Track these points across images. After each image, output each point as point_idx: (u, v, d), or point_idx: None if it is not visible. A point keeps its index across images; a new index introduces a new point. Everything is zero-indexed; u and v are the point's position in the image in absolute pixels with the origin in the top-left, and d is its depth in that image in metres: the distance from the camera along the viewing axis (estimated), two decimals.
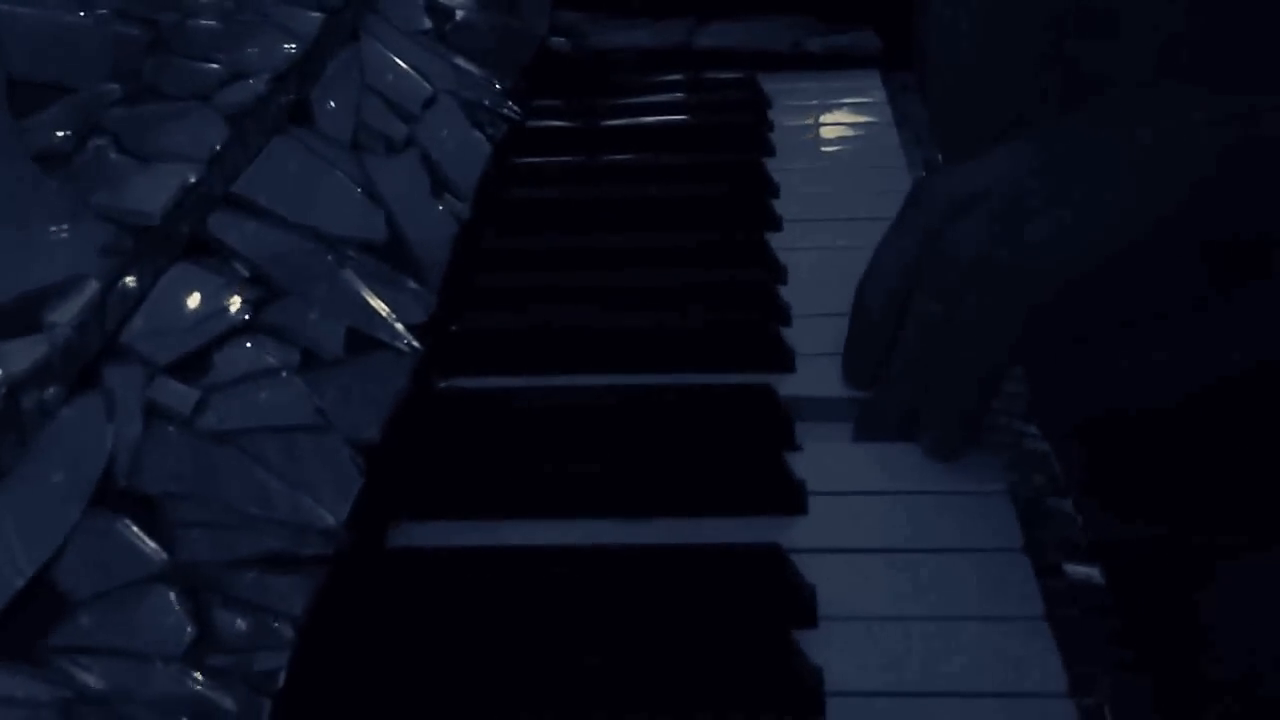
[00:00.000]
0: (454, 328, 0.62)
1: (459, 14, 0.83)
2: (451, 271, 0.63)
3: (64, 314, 0.43)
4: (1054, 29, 0.56)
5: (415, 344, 0.57)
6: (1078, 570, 0.54)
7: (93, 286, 0.45)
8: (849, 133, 0.86)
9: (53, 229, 0.47)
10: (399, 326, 0.57)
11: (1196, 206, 0.51)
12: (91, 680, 0.38)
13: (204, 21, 0.63)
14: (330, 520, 0.47)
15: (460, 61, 0.79)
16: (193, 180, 0.52)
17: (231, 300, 0.52)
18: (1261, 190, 0.51)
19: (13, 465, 0.41)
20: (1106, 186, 0.52)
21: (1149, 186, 0.51)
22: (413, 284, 0.61)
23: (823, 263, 0.69)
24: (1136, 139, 0.52)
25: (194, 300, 0.50)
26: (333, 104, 0.66)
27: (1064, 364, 0.55)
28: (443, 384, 0.60)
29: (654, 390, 0.60)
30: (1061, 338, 0.53)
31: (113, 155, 0.52)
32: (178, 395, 0.47)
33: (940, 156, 0.79)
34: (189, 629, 0.41)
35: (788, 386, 0.60)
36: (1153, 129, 0.52)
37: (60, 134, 0.51)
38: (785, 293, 0.67)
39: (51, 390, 0.42)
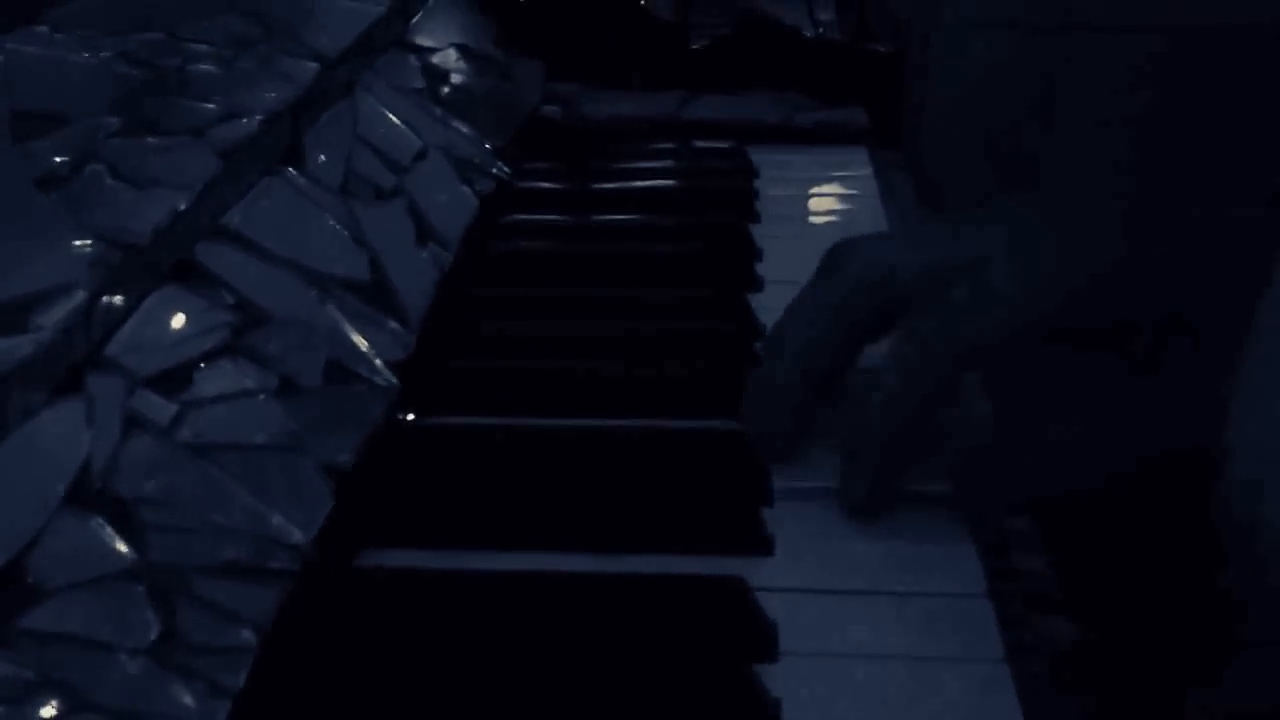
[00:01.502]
0: (433, 367, 0.64)
1: (454, 77, 0.86)
2: (432, 314, 0.65)
3: (50, 317, 0.45)
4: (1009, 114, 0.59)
5: (392, 380, 0.59)
6: (1045, 622, 0.54)
7: (80, 295, 0.46)
8: (835, 204, 0.88)
9: (45, 243, 0.48)
10: (377, 362, 0.59)
11: (1098, 292, 0.55)
12: (57, 664, 0.39)
13: (204, 66, 0.65)
14: (298, 537, 0.48)
15: (452, 121, 0.81)
16: (182, 207, 0.54)
17: (214, 323, 0.53)
18: (1156, 280, 0.55)
19: None
20: (1024, 266, 0.55)
21: (1057, 273, 0.55)
22: (393, 324, 0.62)
23: None
24: (1054, 230, 0.56)
25: (178, 320, 0.52)
26: (324, 150, 0.68)
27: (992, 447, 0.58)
28: (419, 420, 0.61)
29: (627, 431, 0.61)
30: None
31: (108, 181, 0.54)
32: (156, 407, 0.48)
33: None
34: (155, 625, 0.42)
35: None
36: (1066, 225, 0.55)
37: (58, 159, 0.53)
38: (762, 349, 0.68)
39: (35, 389, 0.44)
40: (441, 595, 0.51)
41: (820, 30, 1.01)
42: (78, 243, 0.49)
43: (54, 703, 0.38)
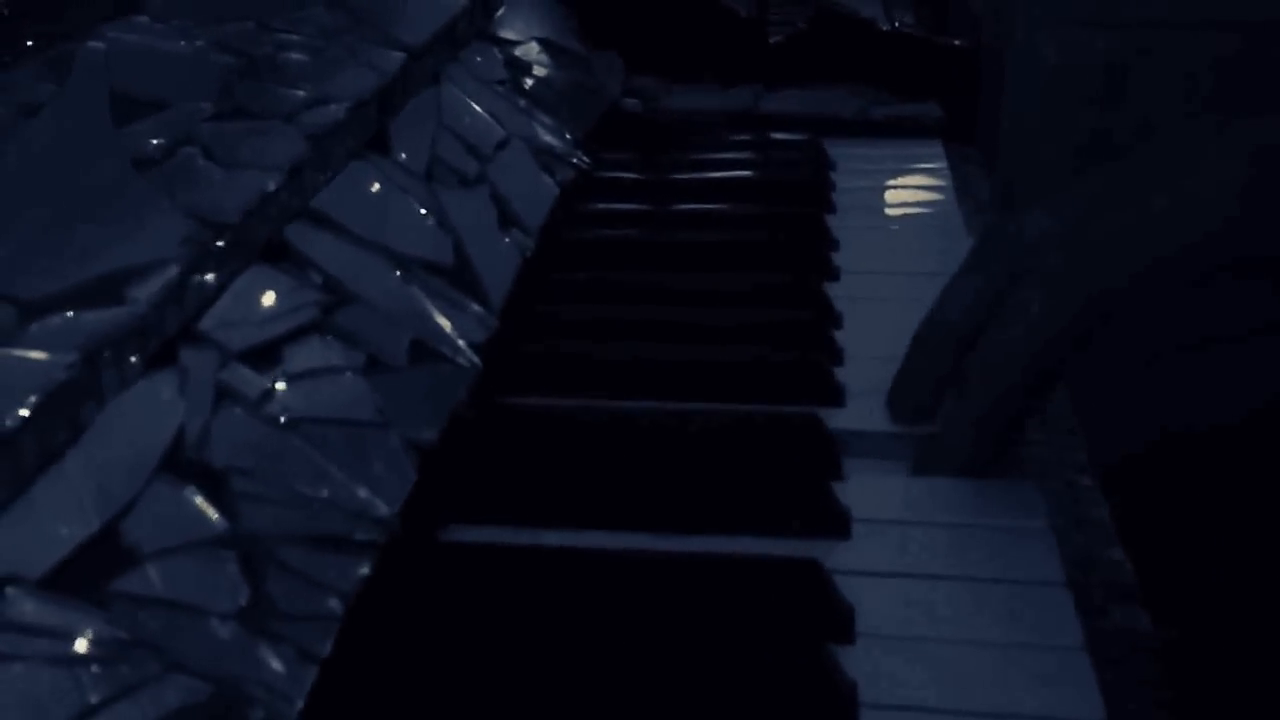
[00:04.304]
0: (514, 349, 0.65)
1: (536, 69, 0.87)
2: (514, 298, 0.66)
3: (145, 291, 0.46)
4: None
5: (475, 360, 0.60)
6: (1124, 613, 0.54)
7: (173, 270, 0.48)
8: (910, 196, 0.87)
9: (141, 221, 0.50)
10: (460, 343, 0.60)
11: (1234, 221, 0.53)
12: (149, 626, 0.40)
13: (294, 55, 0.66)
14: (384, 510, 0.49)
15: (534, 112, 0.82)
16: (272, 188, 0.55)
17: (303, 302, 0.54)
18: None
19: (90, 425, 0.43)
20: (1150, 206, 0.54)
21: (1187, 204, 0.53)
22: (476, 306, 0.63)
23: (878, 312, 0.71)
24: (1175, 169, 0.54)
25: (269, 298, 0.53)
26: (410, 137, 0.69)
27: (1123, 386, 0.56)
28: (500, 400, 0.62)
29: (705, 415, 0.61)
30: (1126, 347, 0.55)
31: (200, 162, 0.55)
32: (247, 381, 0.49)
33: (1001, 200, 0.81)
34: (245, 591, 0.43)
35: (837, 420, 0.61)
36: (1188, 157, 0.54)
37: (154, 142, 0.55)
38: (840, 337, 0.69)
39: (130, 360, 0.45)
40: (520, 570, 0.51)
41: (896, 25, 1.01)
42: (172, 221, 0.50)
43: (146, 663, 0.39)
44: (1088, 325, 0.54)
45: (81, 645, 0.38)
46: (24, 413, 0.40)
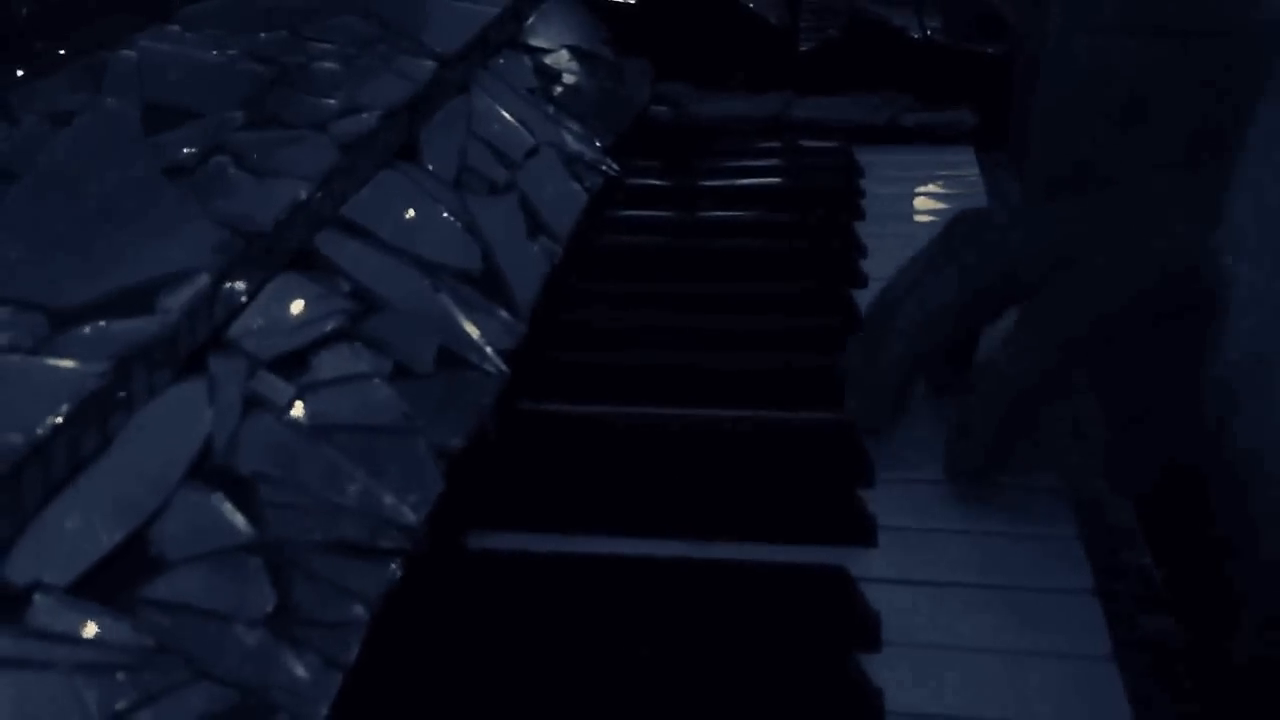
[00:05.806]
0: (542, 356, 0.65)
1: (565, 77, 0.87)
2: (542, 305, 0.66)
3: (176, 300, 0.46)
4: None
5: (503, 367, 0.60)
6: (1152, 622, 0.54)
7: (204, 279, 0.48)
8: (940, 204, 0.87)
9: (173, 230, 0.50)
10: (488, 350, 0.60)
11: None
12: (176, 633, 0.40)
13: (325, 64, 0.67)
14: (410, 518, 0.49)
15: (563, 120, 0.82)
16: (303, 196, 0.56)
17: (332, 309, 0.54)
18: None
19: (119, 433, 0.43)
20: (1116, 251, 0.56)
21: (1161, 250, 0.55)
22: (504, 313, 0.63)
23: None
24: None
25: (298, 306, 0.54)
26: (440, 146, 0.69)
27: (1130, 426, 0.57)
28: (527, 407, 0.62)
29: (732, 421, 0.61)
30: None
31: (232, 171, 0.55)
32: (276, 389, 0.50)
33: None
34: (271, 598, 0.43)
35: None
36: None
37: (186, 150, 0.55)
38: None
39: (160, 368, 0.45)
40: (547, 577, 0.51)
41: (928, 33, 1.00)
42: (203, 230, 0.51)
43: (172, 670, 0.40)
44: (1081, 348, 0.55)
45: (108, 652, 0.39)
46: (55, 421, 0.41)
